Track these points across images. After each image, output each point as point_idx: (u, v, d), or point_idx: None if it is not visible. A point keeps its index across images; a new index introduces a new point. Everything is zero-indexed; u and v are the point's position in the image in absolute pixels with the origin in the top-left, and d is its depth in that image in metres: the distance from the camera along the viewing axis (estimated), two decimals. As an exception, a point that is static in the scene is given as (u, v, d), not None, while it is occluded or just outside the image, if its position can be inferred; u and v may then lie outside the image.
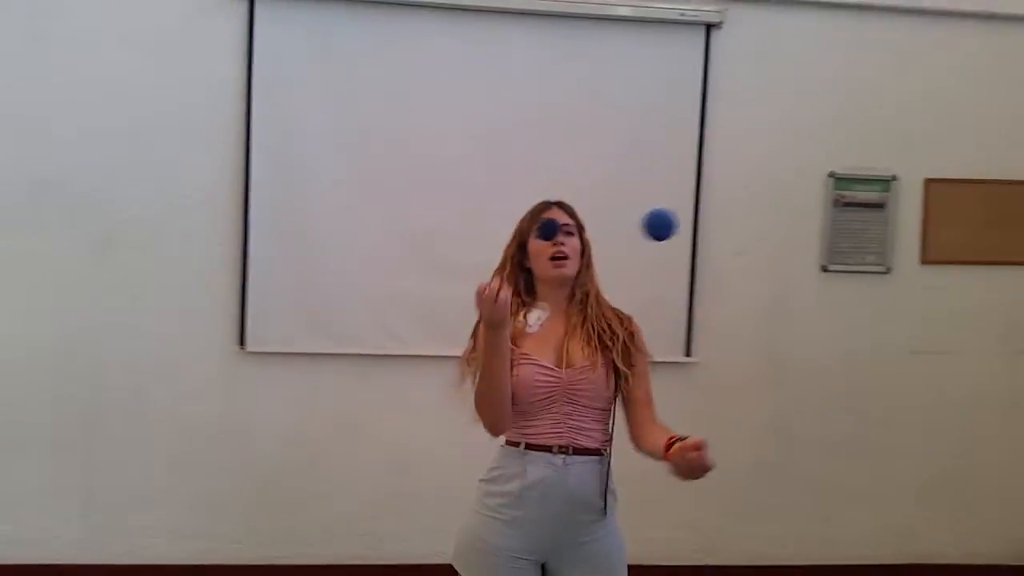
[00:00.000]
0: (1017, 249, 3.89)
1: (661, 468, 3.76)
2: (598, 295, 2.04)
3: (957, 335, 3.90)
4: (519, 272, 2.02)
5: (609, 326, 1.98)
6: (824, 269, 3.81)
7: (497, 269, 2.03)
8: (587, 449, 1.95)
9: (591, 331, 1.97)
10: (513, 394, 1.91)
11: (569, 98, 3.63)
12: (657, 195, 3.59)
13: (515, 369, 1.91)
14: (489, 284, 1.77)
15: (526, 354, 1.94)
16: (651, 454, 1.88)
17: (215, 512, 3.61)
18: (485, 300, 1.77)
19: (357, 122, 3.55)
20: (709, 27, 3.69)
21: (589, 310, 2.00)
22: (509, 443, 1.99)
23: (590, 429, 1.95)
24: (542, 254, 1.98)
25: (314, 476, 3.62)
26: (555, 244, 1.97)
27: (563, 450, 1.93)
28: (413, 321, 3.60)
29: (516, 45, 3.62)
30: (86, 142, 3.46)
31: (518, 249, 2.03)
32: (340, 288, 3.56)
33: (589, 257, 2.07)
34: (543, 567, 1.99)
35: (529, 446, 1.94)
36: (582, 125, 3.63)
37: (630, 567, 3.81)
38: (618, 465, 2.01)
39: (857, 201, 3.78)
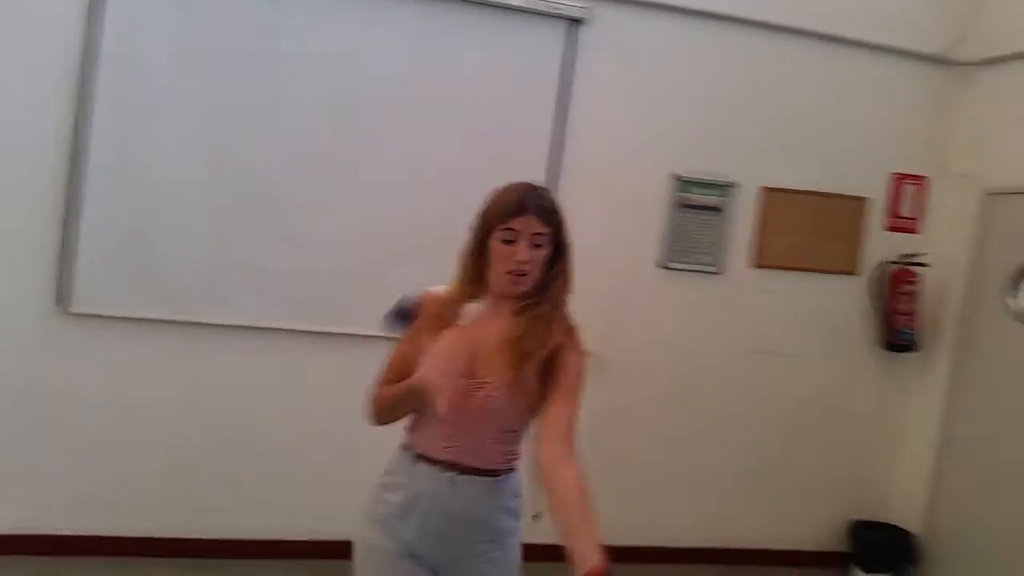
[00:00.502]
0: (841, 259, 4.16)
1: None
2: (555, 309, 1.83)
3: (783, 336, 4.15)
4: (477, 256, 1.81)
5: (544, 335, 1.79)
6: (663, 266, 3.96)
7: (460, 275, 1.85)
8: (478, 470, 1.82)
9: (525, 351, 1.77)
10: None
11: (426, 78, 3.62)
12: (513, 171, 3.67)
13: (420, 366, 1.80)
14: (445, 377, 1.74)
15: (435, 356, 1.80)
16: (556, 517, 1.63)
17: (28, 478, 3.43)
18: (437, 384, 1.74)
19: (210, 82, 3.41)
20: (574, 21, 3.74)
21: (535, 328, 1.79)
22: (405, 447, 1.89)
23: (489, 452, 1.82)
24: (502, 263, 1.77)
25: (136, 447, 3.49)
26: (519, 260, 1.75)
27: (451, 468, 1.81)
28: (253, 292, 3.51)
29: (377, 21, 3.56)
30: None
31: (483, 236, 1.80)
32: (179, 252, 3.43)
33: (564, 268, 1.85)
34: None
35: (419, 456, 1.83)
36: (437, 105, 3.63)
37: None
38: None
39: (697, 203, 3.94)
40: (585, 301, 3.77)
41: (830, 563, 4.26)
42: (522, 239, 1.75)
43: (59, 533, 3.44)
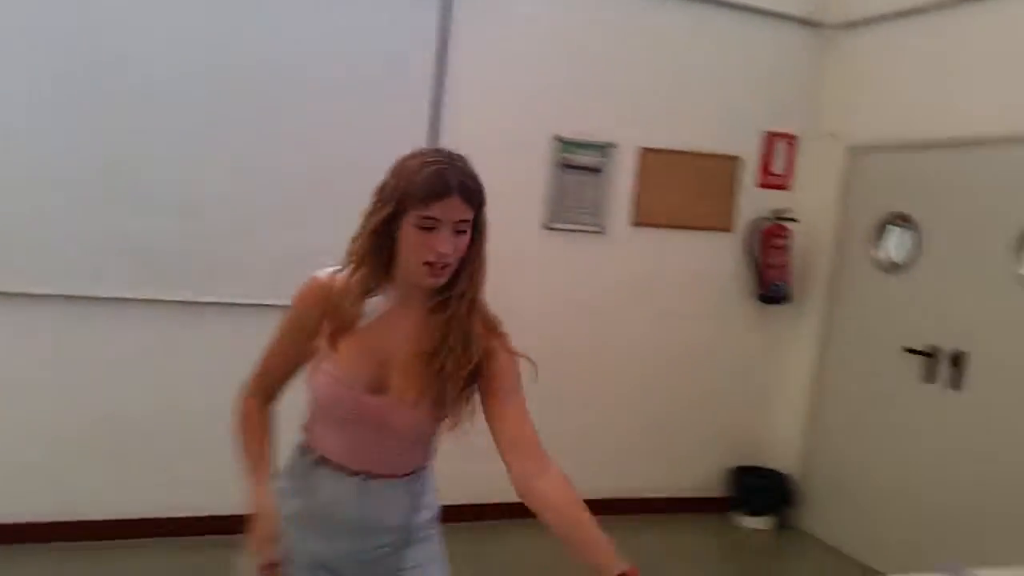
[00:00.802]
0: (716, 216, 4.31)
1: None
2: (471, 307, 1.56)
3: (660, 292, 4.27)
4: (382, 240, 1.50)
5: (465, 350, 1.54)
6: (547, 227, 4.01)
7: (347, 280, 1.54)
8: (389, 475, 1.62)
9: (438, 355, 1.54)
10: (313, 396, 1.58)
11: (301, 38, 3.53)
12: (389, 144, 3.64)
13: (318, 375, 1.55)
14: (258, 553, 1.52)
15: (336, 366, 1.53)
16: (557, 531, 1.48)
17: None
18: (256, 542, 1.54)
19: (52, 34, 3.22)
20: (449, -17, 3.72)
21: (450, 328, 1.54)
22: (302, 446, 1.66)
23: (399, 460, 1.63)
24: (417, 253, 1.48)
25: (8, 427, 3.35)
26: (440, 252, 1.47)
27: (359, 474, 1.60)
28: (123, 262, 3.38)
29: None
30: None
31: (391, 218, 1.48)
32: (47, 226, 3.27)
33: (478, 255, 1.57)
34: None
35: (322, 459, 1.61)
36: (311, 66, 3.56)
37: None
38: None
39: (579, 164, 4.00)
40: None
41: (713, 508, 4.45)
42: (444, 226, 1.46)
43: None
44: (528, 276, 4.02)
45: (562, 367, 4.12)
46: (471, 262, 1.55)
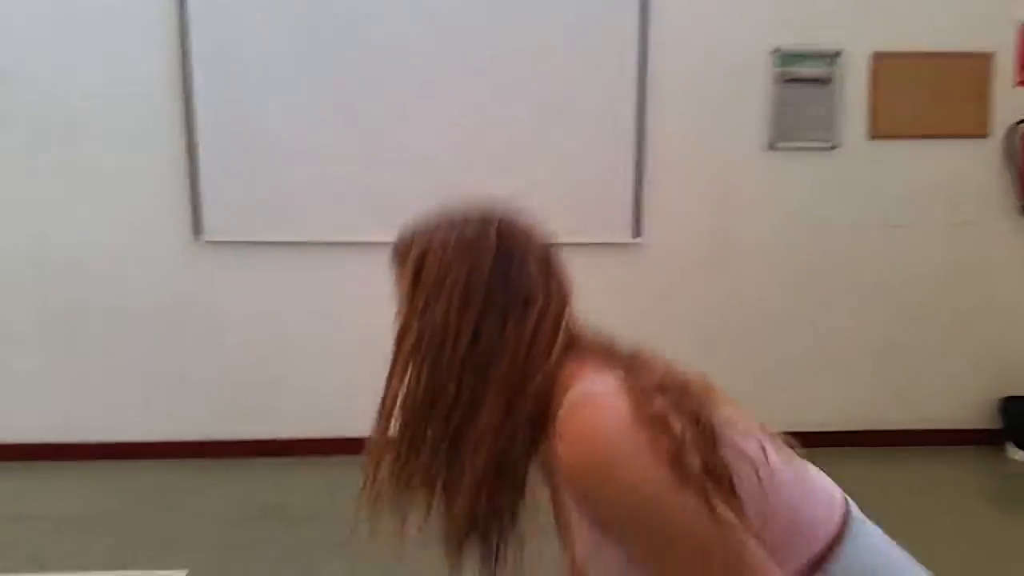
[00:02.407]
0: (962, 122, 3.90)
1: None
2: None
3: (904, 209, 3.94)
4: None
5: None
6: (770, 147, 3.84)
7: None
8: None
9: None
10: None
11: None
12: (601, 73, 3.68)
13: None
14: None
15: None
16: None
17: (191, 392, 3.80)
18: None
19: (294, 12, 3.57)
20: None
21: None
22: None
23: None
24: None
25: (284, 359, 3.79)
26: None
27: None
28: (365, 209, 3.68)
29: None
30: (38, 37, 3.54)
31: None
32: (291, 177, 3.65)
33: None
34: None
35: None
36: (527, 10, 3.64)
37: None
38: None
39: (802, 77, 3.79)
40: (692, 190, 3.82)
41: (982, 440, 4.04)
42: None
43: (208, 439, 3.80)
44: (752, 199, 3.88)
45: (792, 294, 3.96)
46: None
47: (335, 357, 3.79)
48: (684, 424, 0.97)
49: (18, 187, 3.64)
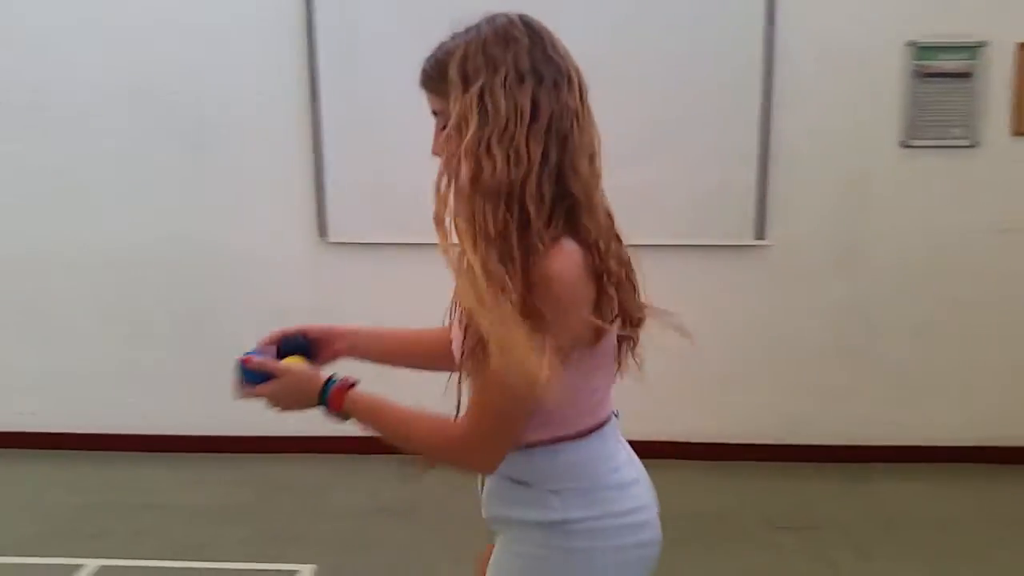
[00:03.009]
0: None
1: (738, 350, 3.79)
2: (439, 220, 1.19)
3: (1054, 211, 3.70)
4: None
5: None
6: (904, 145, 3.66)
7: None
8: None
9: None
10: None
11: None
12: (725, 69, 3.59)
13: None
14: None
15: None
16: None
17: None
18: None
19: (419, 20, 3.62)
20: None
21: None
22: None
23: None
24: None
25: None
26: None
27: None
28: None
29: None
30: (172, 51, 3.72)
31: None
32: (412, 181, 3.68)
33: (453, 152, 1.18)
34: None
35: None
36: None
37: (717, 446, 3.90)
38: (698, 343, 1.47)
39: (940, 71, 3.60)
40: (819, 190, 3.69)
41: None
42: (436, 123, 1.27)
43: (335, 436, 3.86)
44: (885, 200, 3.71)
45: (926, 300, 3.77)
46: (442, 176, 1.20)
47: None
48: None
49: (157, 193, 3.84)
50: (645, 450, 1.45)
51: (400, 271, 3.78)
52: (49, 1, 3.72)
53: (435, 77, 1.23)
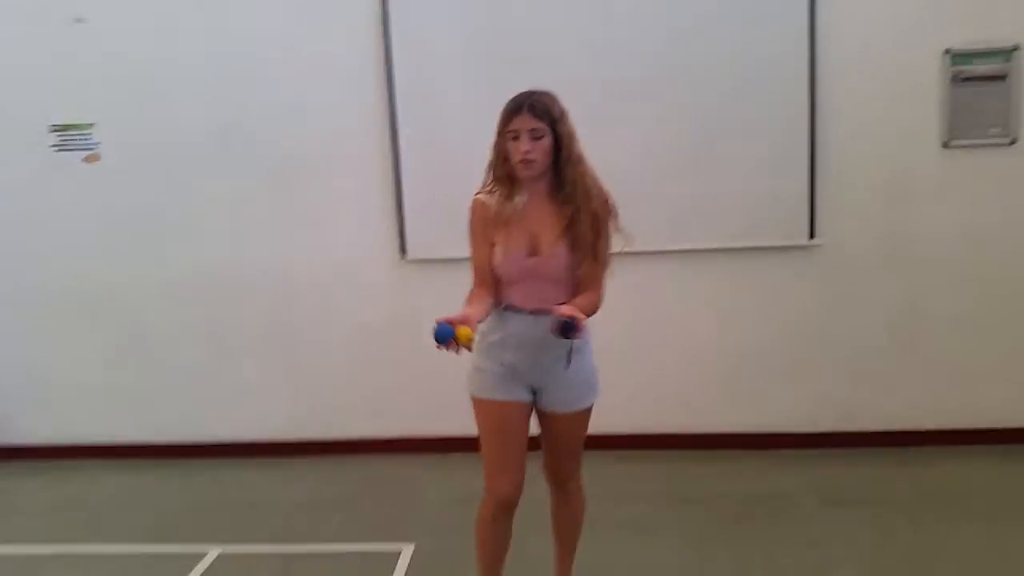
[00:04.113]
0: None
1: (794, 344, 4.01)
2: (581, 181, 2.28)
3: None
4: (500, 159, 2.32)
5: (579, 213, 2.27)
6: (945, 145, 3.87)
7: (484, 188, 2.39)
8: (548, 309, 2.22)
9: (565, 220, 2.28)
10: (495, 270, 2.35)
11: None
12: (771, 75, 3.81)
13: (499, 256, 2.32)
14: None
15: (504, 242, 2.32)
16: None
17: (396, 394, 4.26)
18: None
19: (486, 46, 3.91)
20: None
21: (568, 200, 2.28)
22: (497, 303, 2.40)
23: (555, 296, 2.29)
24: (512, 156, 2.26)
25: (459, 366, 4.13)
26: (523, 151, 2.23)
27: (532, 312, 2.32)
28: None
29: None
30: (257, 91, 4.07)
31: (498, 142, 2.31)
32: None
33: (569, 150, 2.27)
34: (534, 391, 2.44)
35: (508, 307, 2.37)
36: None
37: (776, 435, 4.13)
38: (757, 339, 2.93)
39: (976, 75, 3.80)
40: (866, 191, 3.90)
41: None
42: (523, 135, 2.24)
43: (418, 436, 4.26)
44: (929, 199, 3.93)
45: (972, 293, 3.99)
46: (567, 160, 2.28)
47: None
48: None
49: (256, 219, 4.19)
50: (711, 443, 1.71)
51: (465, 285, 4.06)
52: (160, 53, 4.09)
53: (549, 111, 2.26)
